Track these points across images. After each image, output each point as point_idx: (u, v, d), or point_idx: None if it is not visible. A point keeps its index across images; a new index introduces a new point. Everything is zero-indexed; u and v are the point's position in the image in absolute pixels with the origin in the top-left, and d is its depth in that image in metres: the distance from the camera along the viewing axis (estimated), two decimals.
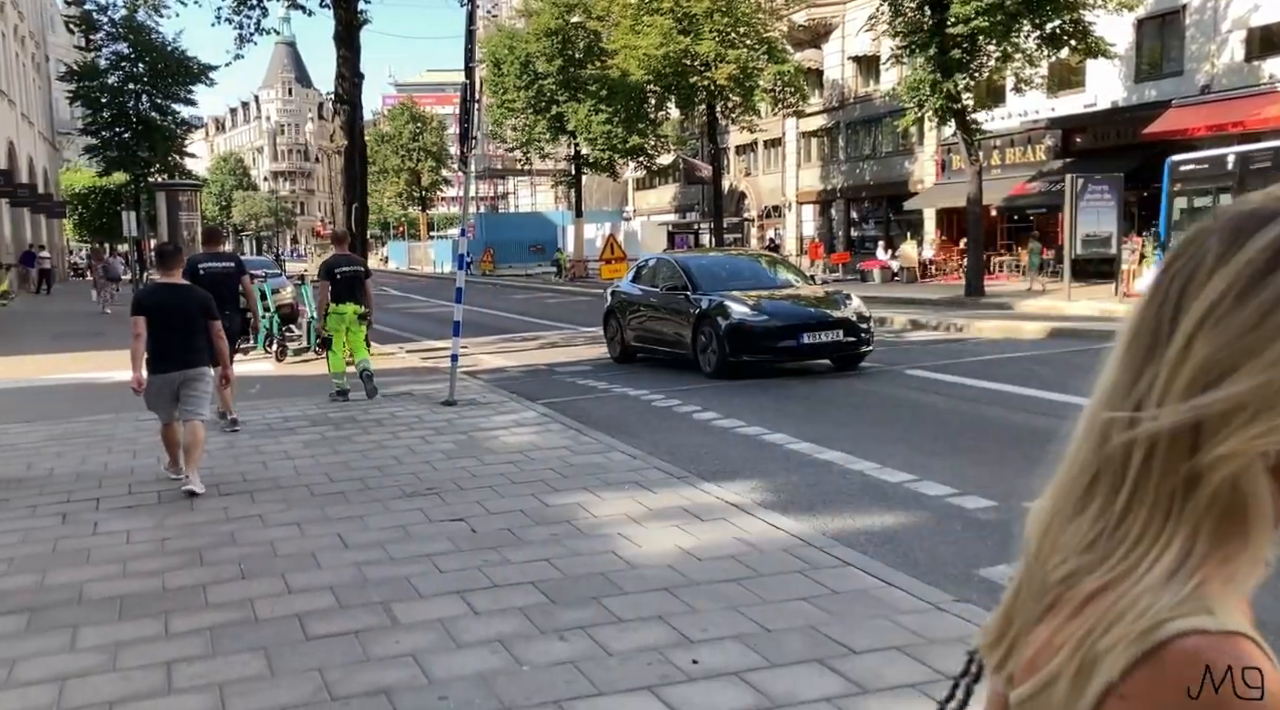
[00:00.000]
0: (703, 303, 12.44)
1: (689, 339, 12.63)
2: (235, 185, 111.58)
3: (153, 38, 39.65)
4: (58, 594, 4.93)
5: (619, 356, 14.37)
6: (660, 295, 13.63)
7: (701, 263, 14.18)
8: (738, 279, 13.31)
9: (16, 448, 8.62)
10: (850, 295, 13.04)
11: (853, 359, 12.40)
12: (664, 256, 15.84)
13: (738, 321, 11.95)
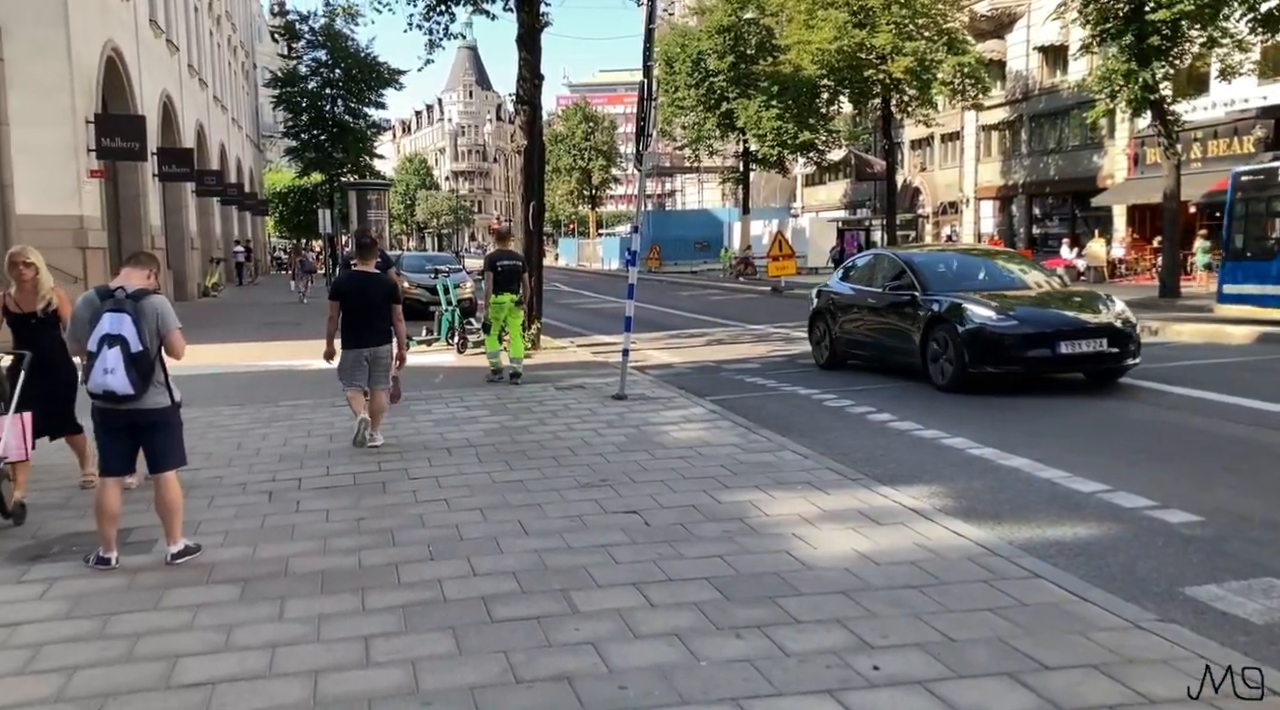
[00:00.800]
0: (935, 305, 11.06)
1: (916, 346, 11.25)
2: (419, 184, 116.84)
3: (348, 45, 41.98)
4: (266, 567, 5.30)
5: (827, 363, 13.16)
6: (880, 296, 12.19)
7: (930, 259, 12.74)
8: (972, 278, 11.93)
9: (228, 429, 9.30)
10: (1112, 297, 11.41)
11: (1113, 373, 10.79)
12: (882, 252, 14.45)
13: (979, 326, 10.46)
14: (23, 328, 6.70)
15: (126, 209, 23.70)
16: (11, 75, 17.06)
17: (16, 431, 6.24)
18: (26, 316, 6.69)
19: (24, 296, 6.69)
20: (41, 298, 6.68)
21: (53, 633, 4.39)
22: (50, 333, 6.70)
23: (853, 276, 13.48)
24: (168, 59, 28.73)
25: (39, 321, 6.68)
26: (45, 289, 6.72)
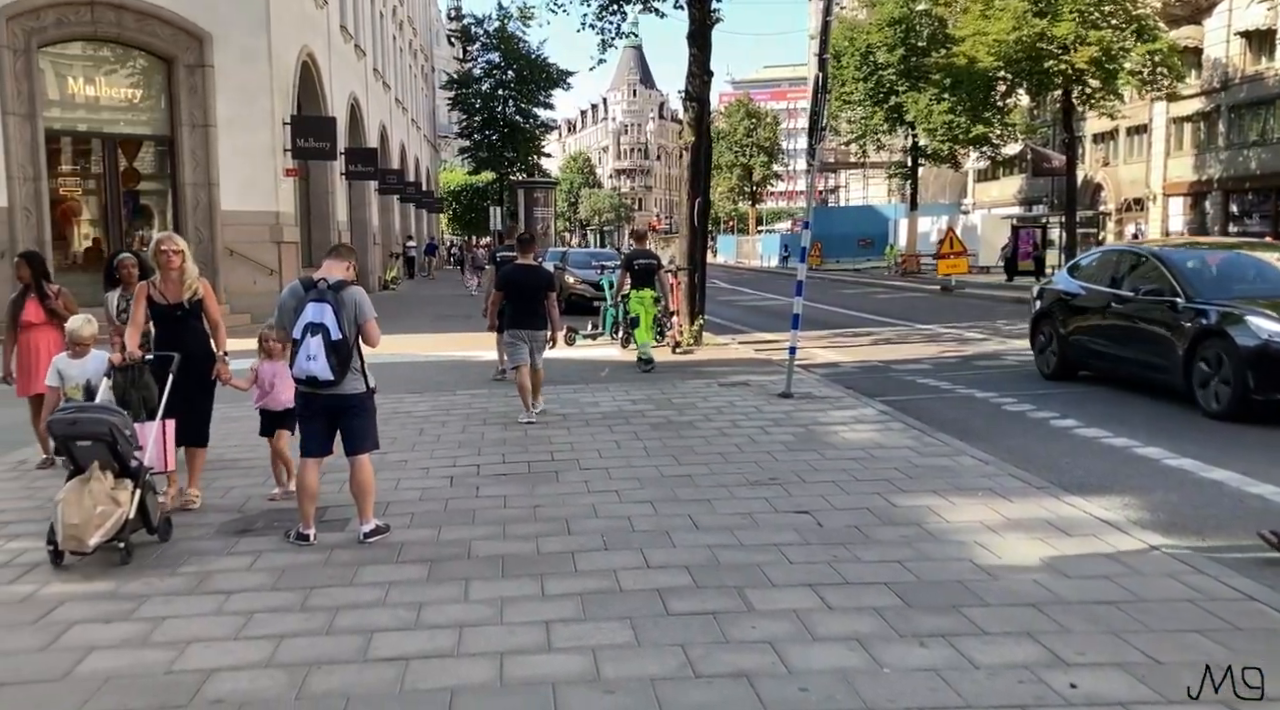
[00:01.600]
0: (1203, 315, 9.38)
1: (1178, 363, 9.57)
2: (582, 183, 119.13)
3: (520, 47, 43.20)
4: (451, 549, 5.50)
5: (1055, 372, 11.69)
6: (1126, 299, 10.54)
7: (1192, 258, 10.77)
8: (1243, 280, 10.15)
9: (411, 415, 9.72)
10: None
11: None
12: (1127, 248, 12.54)
13: (1265, 343, 8.72)
14: (166, 319, 6.44)
15: (316, 205, 25.13)
16: (220, 81, 18.37)
17: (158, 439, 5.98)
18: (171, 308, 6.40)
19: (169, 286, 6.40)
20: (187, 288, 6.40)
21: (260, 602, 4.69)
22: (193, 325, 6.48)
23: (1083, 273, 11.98)
24: (355, 63, 30.29)
25: (183, 313, 6.41)
26: (190, 279, 6.42)
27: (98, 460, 5.26)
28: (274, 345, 6.49)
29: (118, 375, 6.05)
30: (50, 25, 16.92)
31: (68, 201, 18.62)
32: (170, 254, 6.35)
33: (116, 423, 5.31)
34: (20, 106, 16.56)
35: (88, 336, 6.48)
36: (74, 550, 5.09)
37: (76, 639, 4.25)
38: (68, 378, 6.45)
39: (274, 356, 6.54)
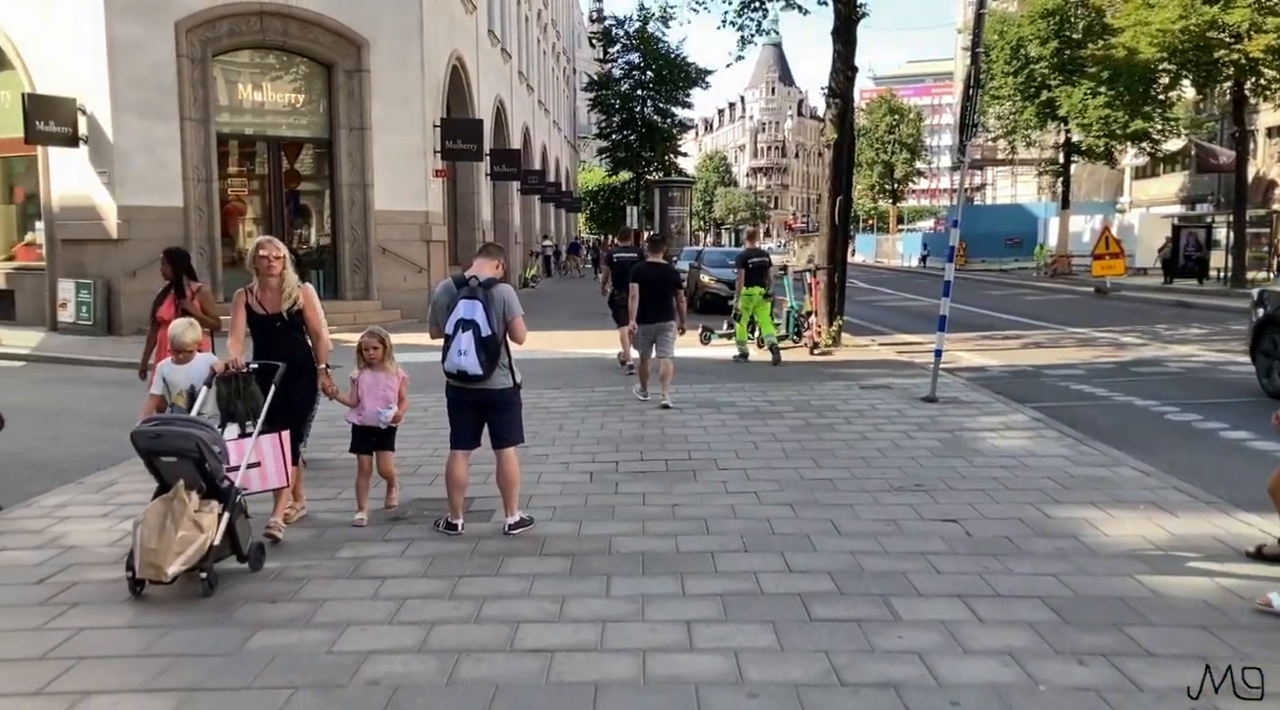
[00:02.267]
0: None
1: None
2: (718, 181, 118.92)
3: (659, 47, 43.45)
4: (591, 544, 5.57)
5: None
6: None
7: None
8: None
9: (550, 411, 9.90)
10: None
11: None
12: None
13: None
14: (264, 330, 5.94)
15: (463, 205, 25.89)
16: (376, 86, 19.13)
17: (276, 454, 5.49)
18: (269, 318, 5.90)
19: (268, 295, 5.89)
20: (287, 297, 5.87)
21: (412, 589, 4.86)
22: (294, 337, 5.97)
23: None
24: (502, 66, 31.07)
25: (283, 324, 5.91)
26: (291, 287, 5.88)
27: (183, 478, 4.83)
28: (374, 354, 6.11)
29: (221, 385, 5.56)
30: (224, 35, 17.96)
31: (234, 201, 19.72)
32: (270, 260, 5.81)
33: (204, 437, 4.84)
34: (196, 112, 17.63)
35: (189, 342, 5.92)
36: (152, 579, 4.64)
37: (247, 616, 4.50)
38: (172, 384, 5.93)
39: (374, 366, 6.16)
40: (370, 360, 6.14)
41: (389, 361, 6.18)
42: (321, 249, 20.18)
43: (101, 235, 17.14)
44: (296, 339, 5.96)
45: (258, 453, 5.38)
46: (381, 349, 6.17)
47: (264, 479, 5.46)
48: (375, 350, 6.15)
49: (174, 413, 5.56)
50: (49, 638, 4.26)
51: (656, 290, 10.16)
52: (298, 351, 5.92)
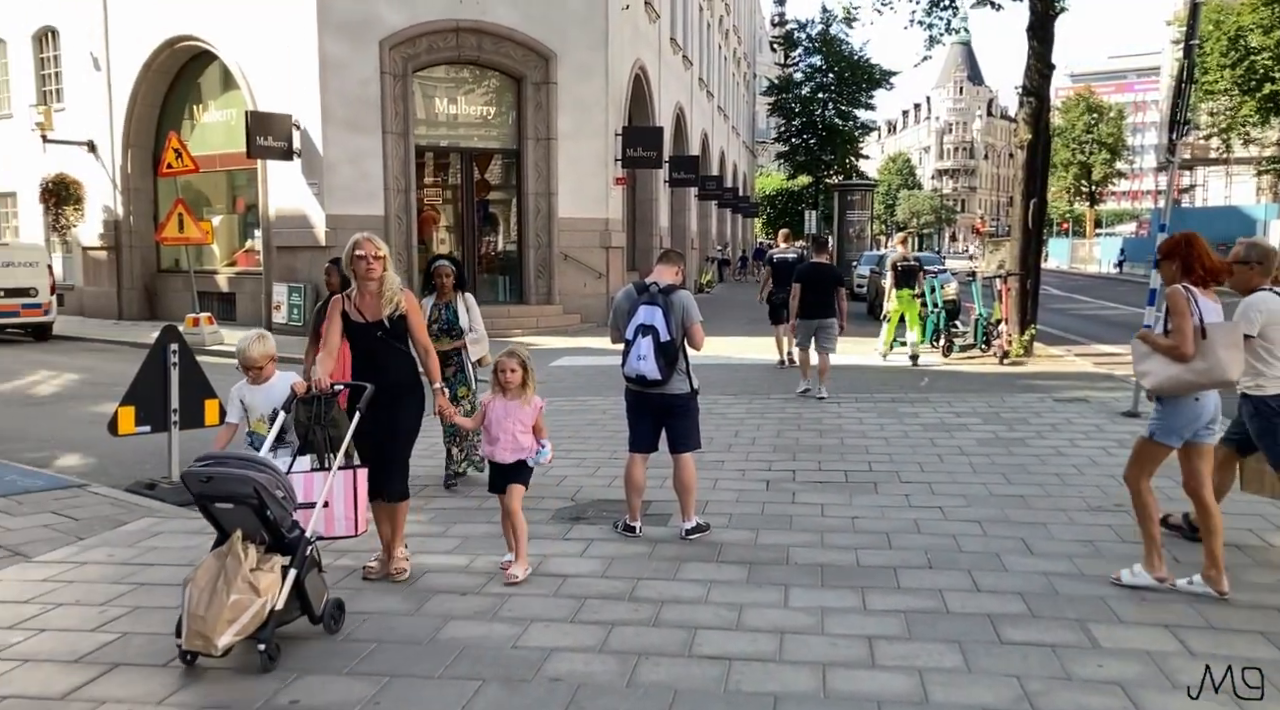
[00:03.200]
0: None
1: None
2: (901, 184, 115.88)
3: (841, 49, 42.77)
4: (769, 553, 5.53)
5: None
6: None
7: None
8: None
9: (725, 417, 9.89)
10: None
11: None
12: None
13: None
14: (364, 341, 5.11)
15: (641, 211, 26.28)
16: (562, 96, 19.70)
17: (348, 495, 4.67)
18: (369, 327, 5.05)
19: (366, 301, 5.06)
20: (387, 302, 5.04)
21: (592, 588, 4.96)
22: (399, 348, 5.11)
23: None
24: (682, 73, 31.36)
25: (384, 334, 5.05)
26: (392, 290, 5.07)
27: (241, 528, 4.13)
28: (510, 378, 5.12)
29: (300, 409, 4.77)
30: (423, 52, 18.92)
31: (429, 210, 20.74)
32: (369, 260, 5.01)
33: (263, 481, 4.06)
34: (397, 126, 18.65)
35: (258, 357, 5.24)
36: (200, 650, 3.94)
37: (438, 607, 4.70)
38: (251, 409, 5.30)
39: (509, 392, 5.15)
40: (506, 385, 5.14)
41: (527, 388, 5.17)
42: (507, 255, 20.93)
43: (311, 242, 18.39)
44: (402, 351, 5.12)
45: (329, 491, 4.57)
46: (520, 373, 5.14)
47: (329, 524, 4.63)
48: (513, 374, 5.14)
49: (254, 441, 5.10)
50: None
51: (819, 288, 11.00)
52: (404, 366, 5.12)
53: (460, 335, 7.17)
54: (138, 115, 21.61)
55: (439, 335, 6.98)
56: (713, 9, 38.96)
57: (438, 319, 7.07)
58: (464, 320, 7.19)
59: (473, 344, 7.27)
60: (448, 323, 7.14)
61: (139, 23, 21.04)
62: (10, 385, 13.37)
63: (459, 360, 7.20)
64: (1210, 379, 4.67)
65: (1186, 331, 4.63)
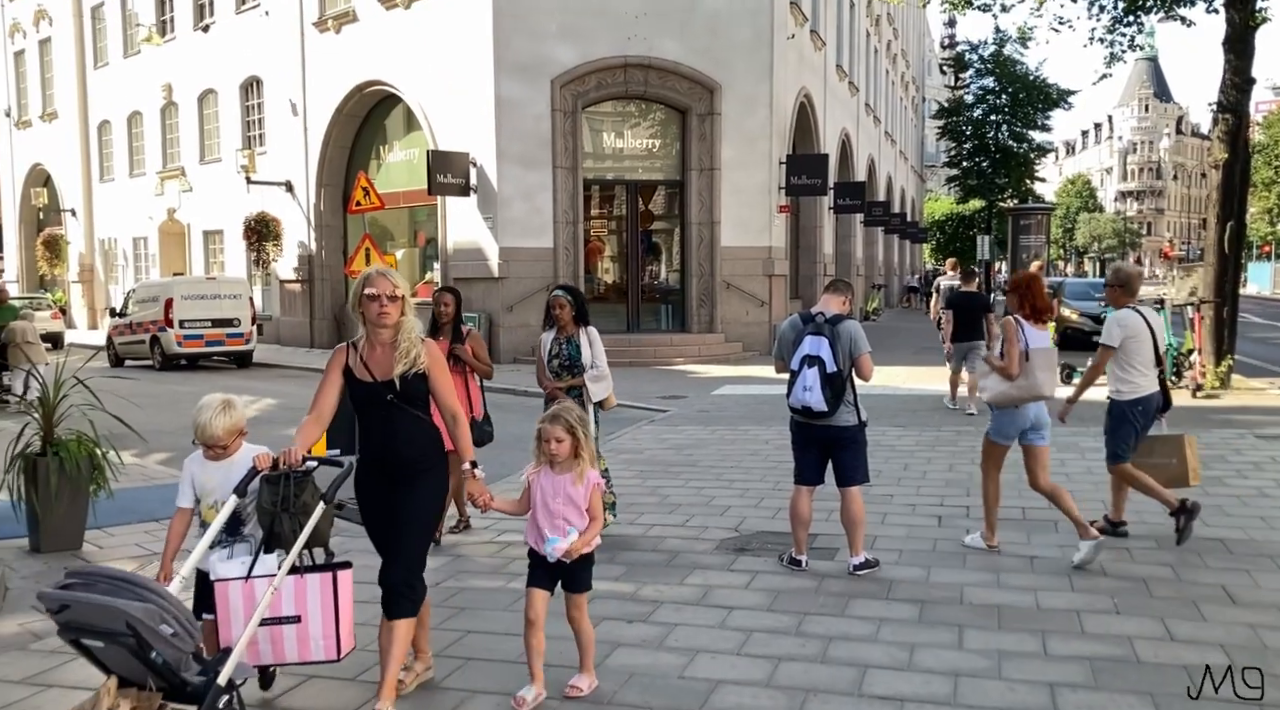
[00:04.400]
0: None
1: None
2: (1080, 207, 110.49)
3: (1016, 69, 41.34)
4: (941, 591, 5.35)
5: None
6: None
7: None
8: None
9: (894, 449, 9.66)
10: None
11: None
12: None
13: None
14: (372, 406, 3.94)
15: (804, 239, 26.08)
16: (726, 127, 19.86)
17: (326, 606, 3.62)
18: (379, 388, 3.90)
19: (377, 355, 3.92)
20: (402, 355, 3.88)
21: (758, 621, 4.93)
22: (414, 416, 3.94)
23: None
24: (848, 99, 31.04)
25: (395, 397, 3.89)
26: (409, 341, 3.90)
27: (121, 672, 3.11)
28: (558, 448, 3.93)
29: (265, 490, 3.70)
30: (592, 88, 19.49)
31: (595, 241, 21.27)
32: (383, 301, 3.86)
33: (139, 613, 2.99)
34: (566, 161, 19.26)
35: (220, 432, 3.94)
36: None
37: (605, 633, 4.77)
38: (205, 492, 4.00)
39: (557, 463, 3.97)
40: (553, 456, 3.95)
41: (580, 460, 3.96)
42: (670, 284, 21.16)
43: (485, 274, 19.15)
44: (419, 419, 3.94)
45: (299, 601, 3.58)
46: (569, 442, 3.92)
47: (302, 645, 3.61)
48: (558, 445, 3.92)
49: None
50: (441, 638, 4.76)
51: (968, 314, 11.86)
52: (421, 438, 3.95)
53: (581, 372, 6.55)
54: (330, 157, 23.15)
55: (559, 372, 6.58)
56: (880, 34, 38.44)
57: (558, 354, 6.59)
58: (585, 356, 6.56)
59: (592, 382, 6.55)
60: (569, 358, 6.58)
61: (332, 70, 22.58)
62: None
63: (578, 400, 6.49)
64: (1029, 394, 5.86)
65: (1013, 356, 5.83)
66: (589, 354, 6.55)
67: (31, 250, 35.08)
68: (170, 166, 29.60)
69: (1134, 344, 6.13)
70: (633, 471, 8.86)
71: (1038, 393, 5.85)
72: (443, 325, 6.82)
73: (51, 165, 35.22)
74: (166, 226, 29.90)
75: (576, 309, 6.58)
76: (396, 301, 3.89)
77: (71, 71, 33.41)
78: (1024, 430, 5.99)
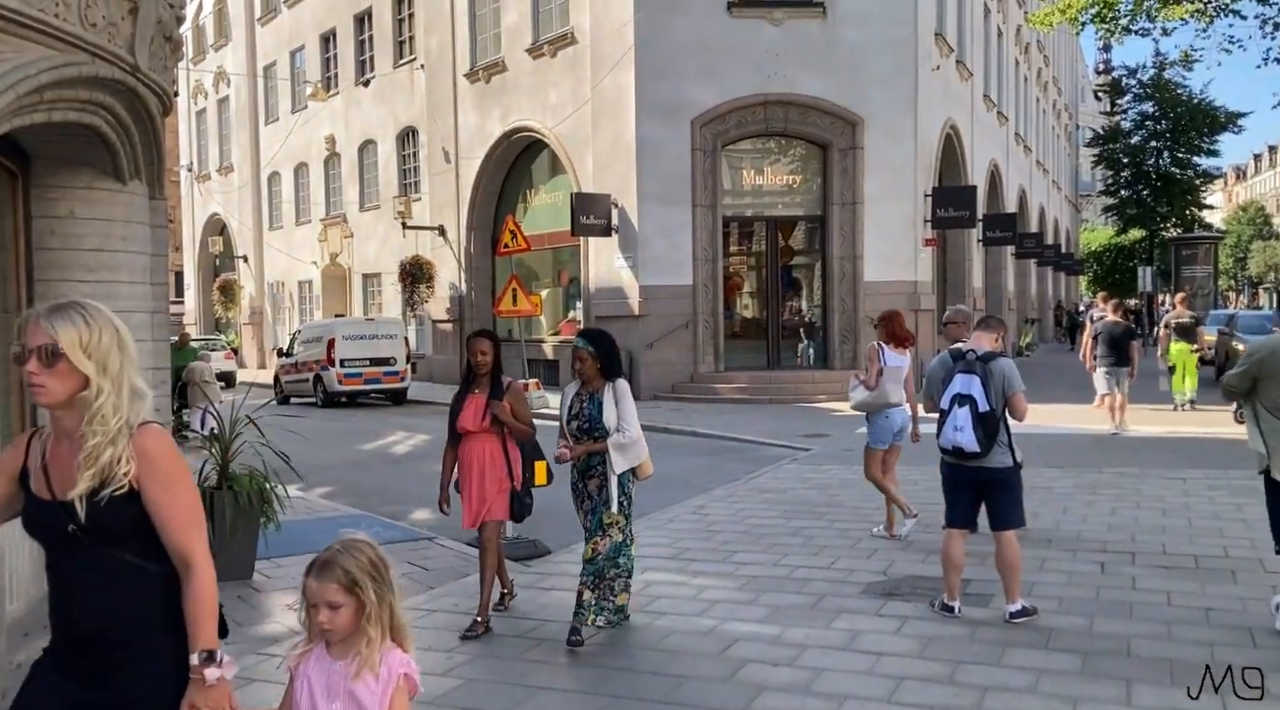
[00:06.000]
0: None
1: None
2: (1254, 235, 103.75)
3: (1178, 93, 39.44)
4: (1105, 642, 5.08)
5: None
6: None
7: None
8: None
9: (1050, 491, 9.24)
10: None
11: None
12: None
13: None
14: (52, 541, 2.40)
15: (952, 273, 25.41)
16: (868, 161, 19.63)
17: None
18: (52, 511, 2.34)
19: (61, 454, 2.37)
20: (88, 462, 2.27)
21: (909, 669, 4.79)
22: (108, 561, 2.34)
23: None
24: (997, 129, 30.22)
25: (81, 529, 2.30)
26: (101, 433, 2.28)
27: None
28: (329, 619, 2.40)
29: None
30: (731, 127, 19.63)
31: (734, 277, 21.30)
32: (33, 362, 2.29)
33: None
34: (705, 198, 19.42)
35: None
36: None
37: (751, 676, 4.74)
38: None
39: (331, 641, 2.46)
40: (323, 628, 2.42)
41: (368, 637, 2.41)
42: (811, 320, 20.96)
43: (626, 312, 19.43)
44: (125, 567, 2.34)
45: None
46: (350, 606, 2.40)
47: None
48: (332, 613, 2.38)
49: None
50: (588, 675, 4.82)
51: (1116, 343, 13.09)
52: (126, 602, 2.35)
53: (605, 436, 5.36)
54: (479, 201, 24.05)
55: (579, 435, 5.43)
56: (1030, 62, 37.33)
57: (578, 413, 5.46)
58: (609, 417, 5.34)
59: (617, 450, 5.31)
60: (589, 419, 5.40)
61: (482, 119, 23.53)
62: (373, 445, 15.11)
63: (601, 470, 5.39)
64: (880, 401, 7.51)
65: (873, 373, 7.50)
66: (613, 415, 5.34)
67: (208, 295, 37.60)
68: (333, 214, 31.33)
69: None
70: (776, 511, 8.76)
71: (885, 400, 7.50)
72: (480, 376, 5.70)
73: (227, 215, 37.80)
74: (329, 270, 31.60)
75: (602, 360, 5.46)
76: (58, 365, 2.26)
77: (246, 128, 35.88)
78: (894, 434, 7.58)
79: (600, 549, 5.28)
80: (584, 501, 5.53)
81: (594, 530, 5.36)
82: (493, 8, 23.48)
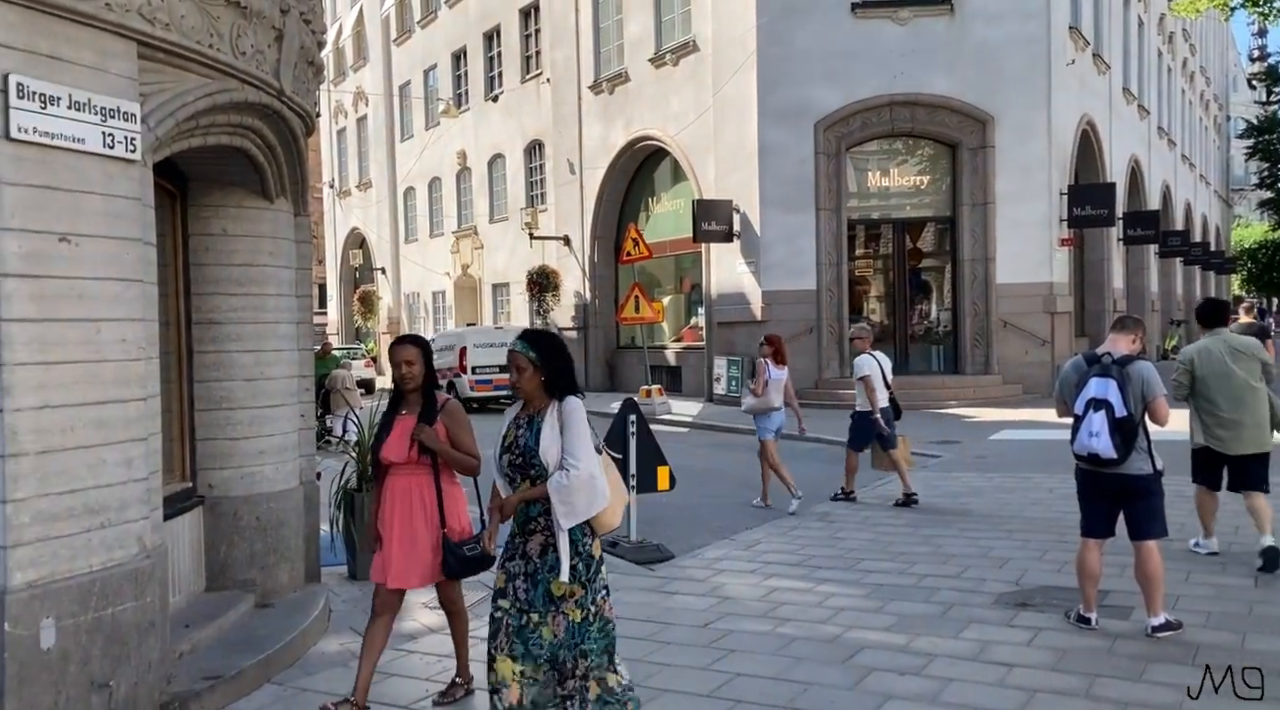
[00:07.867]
0: None
1: None
2: None
3: None
4: (1258, 660, 4.80)
5: None
6: None
7: None
8: None
9: None
10: None
11: None
12: None
13: None
14: None
15: (1090, 273, 24.37)
16: (1000, 159, 19.03)
17: None
18: None
19: None
20: None
21: (1042, 681, 4.65)
22: None
23: None
24: (1137, 123, 28.86)
25: None
26: None
27: None
28: None
29: None
30: (856, 129, 19.35)
31: (860, 281, 20.97)
32: None
33: None
34: (829, 202, 19.20)
35: None
36: None
37: (876, 685, 4.69)
38: None
39: None
40: None
41: None
42: (941, 324, 20.44)
43: (748, 317, 19.37)
44: None
45: None
46: None
47: None
48: None
49: None
50: (710, 679, 4.85)
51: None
52: None
53: (542, 476, 3.81)
54: (603, 211, 24.40)
55: (511, 474, 3.92)
56: (1174, 52, 35.51)
57: (512, 444, 3.93)
58: (548, 450, 3.80)
59: (558, 495, 3.73)
60: (523, 451, 3.88)
61: (606, 129, 23.88)
62: None
63: (545, 523, 3.82)
64: (764, 406, 9.37)
65: (760, 384, 9.38)
66: (555, 447, 3.79)
67: (349, 305, 39.23)
68: (464, 226, 32.27)
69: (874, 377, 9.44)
70: (904, 520, 8.61)
71: (769, 405, 9.37)
72: (406, 393, 4.54)
73: (366, 229, 39.39)
74: (461, 281, 32.55)
75: (546, 371, 3.87)
76: None
77: (383, 144, 37.33)
78: (778, 429, 9.45)
79: (558, 633, 3.75)
80: (524, 564, 3.83)
81: (536, 606, 3.76)
82: (616, 20, 23.81)
